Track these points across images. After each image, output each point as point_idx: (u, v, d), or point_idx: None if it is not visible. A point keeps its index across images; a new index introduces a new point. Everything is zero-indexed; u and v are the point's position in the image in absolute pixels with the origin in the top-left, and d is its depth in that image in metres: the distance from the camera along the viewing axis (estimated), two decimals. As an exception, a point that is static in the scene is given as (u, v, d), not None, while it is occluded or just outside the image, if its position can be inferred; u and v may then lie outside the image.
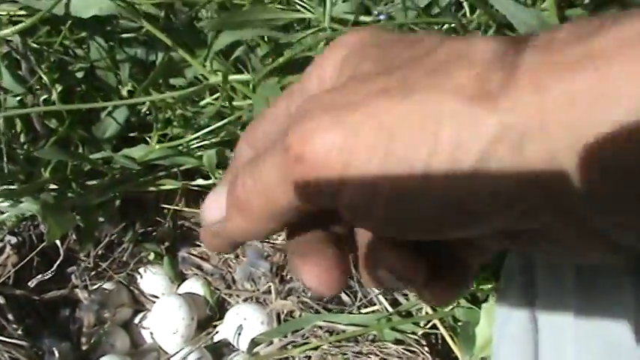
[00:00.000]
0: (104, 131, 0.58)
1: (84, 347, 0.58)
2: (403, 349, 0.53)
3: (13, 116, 0.55)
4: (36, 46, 0.55)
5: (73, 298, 0.59)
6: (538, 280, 0.44)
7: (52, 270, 0.57)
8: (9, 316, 0.55)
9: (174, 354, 0.57)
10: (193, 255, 0.64)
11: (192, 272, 0.64)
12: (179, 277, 0.64)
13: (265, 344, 0.55)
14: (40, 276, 0.57)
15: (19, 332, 0.55)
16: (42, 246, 0.56)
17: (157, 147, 0.58)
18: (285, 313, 0.57)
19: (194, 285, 0.63)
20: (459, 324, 0.53)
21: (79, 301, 0.59)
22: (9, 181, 0.54)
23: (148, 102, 0.57)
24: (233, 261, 0.63)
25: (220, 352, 0.59)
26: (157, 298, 0.62)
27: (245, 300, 0.60)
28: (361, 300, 0.56)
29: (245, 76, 0.52)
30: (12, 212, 0.56)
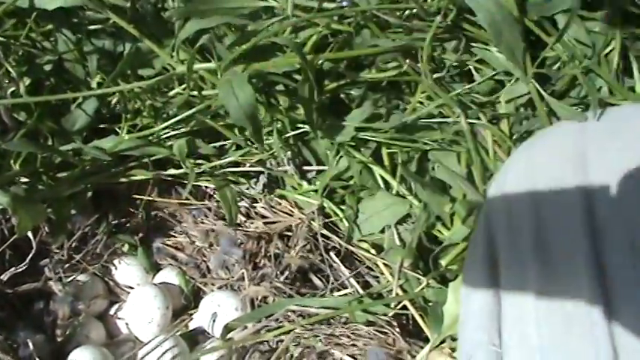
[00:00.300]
0: (74, 123, 0.58)
1: (59, 339, 0.58)
2: (375, 330, 0.54)
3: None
4: (2, 39, 0.55)
5: (47, 290, 0.59)
6: (500, 256, 0.46)
7: (25, 263, 0.57)
8: (-18, 310, 0.55)
9: (147, 342, 0.57)
10: (168, 245, 0.64)
11: (166, 262, 0.64)
12: (154, 268, 0.64)
13: (239, 329, 0.56)
14: (13, 269, 0.57)
15: (-7, 325, 0.55)
16: (13, 239, 0.56)
17: (127, 137, 0.58)
18: (258, 299, 0.58)
19: (169, 275, 0.63)
20: (429, 304, 0.54)
21: (53, 294, 0.59)
22: (-22, 175, 0.54)
23: (116, 93, 0.58)
24: (207, 250, 0.63)
25: (195, 339, 0.60)
26: (132, 289, 0.62)
27: (219, 288, 0.61)
28: (333, 283, 0.57)
29: (210, 64, 0.52)
30: (-18, 206, 0.56)
